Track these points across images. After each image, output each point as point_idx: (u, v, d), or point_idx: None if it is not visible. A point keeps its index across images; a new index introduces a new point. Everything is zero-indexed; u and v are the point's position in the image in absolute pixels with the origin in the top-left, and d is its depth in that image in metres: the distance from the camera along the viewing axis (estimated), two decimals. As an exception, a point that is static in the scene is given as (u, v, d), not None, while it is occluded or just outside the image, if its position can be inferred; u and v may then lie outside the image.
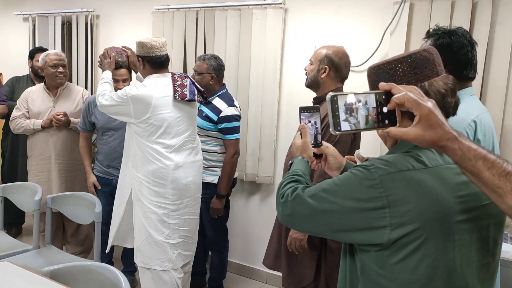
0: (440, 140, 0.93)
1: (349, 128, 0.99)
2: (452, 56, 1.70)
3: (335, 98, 0.98)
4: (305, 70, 2.38)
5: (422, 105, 0.93)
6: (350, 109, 0.98)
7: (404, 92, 0.95)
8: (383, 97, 1.00)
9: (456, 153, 0.93)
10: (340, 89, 2.34)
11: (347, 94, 0.99)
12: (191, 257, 2.78)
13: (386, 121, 1.00)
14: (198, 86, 2.71)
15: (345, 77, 2.36)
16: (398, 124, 1.00)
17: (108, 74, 2.78)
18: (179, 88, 2.57)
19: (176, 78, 2.61)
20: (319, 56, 2.31)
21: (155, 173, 2.54)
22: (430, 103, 0.95)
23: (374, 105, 1.00)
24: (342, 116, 0.98)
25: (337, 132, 0.98)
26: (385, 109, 1.00)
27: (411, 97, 0.94)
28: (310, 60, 2.36)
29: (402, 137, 0.96)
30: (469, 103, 1.71)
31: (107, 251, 2.83)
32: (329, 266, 2.24)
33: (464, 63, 1.74)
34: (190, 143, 2.65)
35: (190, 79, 2.67)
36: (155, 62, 2.58)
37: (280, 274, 2.47)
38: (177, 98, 2.55)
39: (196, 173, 2.70)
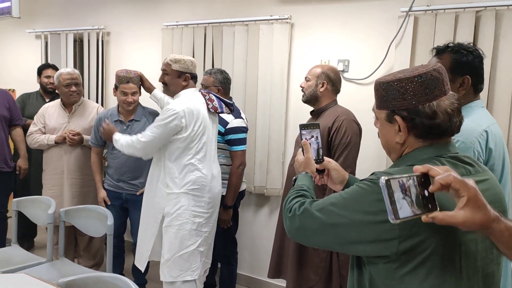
0: (487, 221, 0.88)
1: (408, 215, 0.91)
2: (476, 71, 1.75)
3: (389, 183, 0.91)
4: (302, 86, 2.63)
5: (469, 185, 0.87)
6: (404, 190, 0.92)
7: (449, 173, 0.90)
8: (422, 180, 0.94)
9: (503, 233, 0.89)
10: (335, 101, 2.59)
11: (397, 178, 0.92)
12: (208, 265, 2.83)
13: (430, 205, 0.94)
14: (223, 98, 2.82)
15: (339, 91, 2.62)
16: (437, 207, 0.94)
17: (118, 135, 2.81)
18: (209, 102, 2.70)
19: (204, 93, 2.74)
20: (316, 73, 2.56)
21: (196, 182, 2.60)
22: (472, 182, 0.89)
23: (417, 189, 0.93)
24: (399, 201, 0.91)
25: (396, 221, 0.91)
26: (426, 193, 0.93)
27: (458, 178, 0.88)
28: (306, 77, 2.61)
29: (450, 222, 0.90)
30: (479, 114, 1.75)
31: (142, 269, 2.78)
32: (342, 261, 2.38)
33: (481, 77, 1.79)
34: (217, 154, 2.80)
35: (214, 94, 2.79)
36: (195, 78, 2.74)
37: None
38: (210, 110, 2.67)
39: (221, 184, 2.83)
